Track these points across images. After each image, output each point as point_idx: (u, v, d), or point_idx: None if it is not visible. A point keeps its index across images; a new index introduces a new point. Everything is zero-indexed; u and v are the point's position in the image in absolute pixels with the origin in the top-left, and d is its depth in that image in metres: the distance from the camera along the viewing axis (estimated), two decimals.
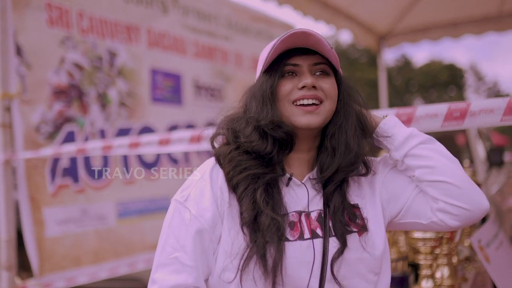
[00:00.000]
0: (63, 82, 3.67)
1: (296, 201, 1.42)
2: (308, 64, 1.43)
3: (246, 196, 1.35)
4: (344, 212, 1.40)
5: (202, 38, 4.87)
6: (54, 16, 3.61)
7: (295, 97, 1.41)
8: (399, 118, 1.98)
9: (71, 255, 3.69)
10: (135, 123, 4.15)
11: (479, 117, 1.85)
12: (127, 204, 4.06)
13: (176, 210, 1.42)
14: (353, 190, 1.47)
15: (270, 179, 1.38)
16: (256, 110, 1.42)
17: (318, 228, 1.39)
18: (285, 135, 1.40)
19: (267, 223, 1.30)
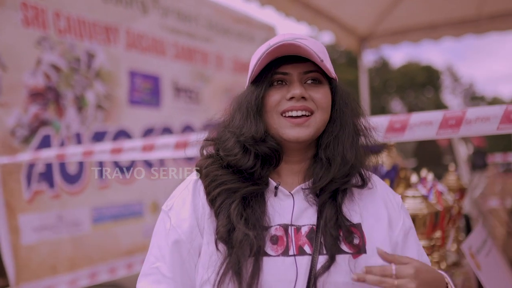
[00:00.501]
0: (40, 84, 3.54)
1: (282, 213, 1.32)
2: (299, 73, 1.33)
3: (222, 210, 1.28)
4: (337, 226, 1.29)
5: (182, 39, 4.77)
6: (29, 16, 3.48)
7: (284, 108, 1.32)
8: (393, 126, 1.93)
9: (48, 263, 3.57)
10: (111, 126, 4.03)
11: (475, 125, 1.80)
12: (102, 209, 3.95)
13: (161, 219, 1.39)
14: (351, 206, 1.36)
15: (247, 192, 1.30)
16: (239, 123, 1.34)
17: (307, 245, 1.28)
18: (269, 150, 1.32)
19: (239, 239, 1.23)
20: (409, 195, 2.21)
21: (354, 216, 1.34)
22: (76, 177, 3.77)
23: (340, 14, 7.19)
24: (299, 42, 1.27)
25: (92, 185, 3.89)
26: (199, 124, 4.87)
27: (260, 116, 1.34)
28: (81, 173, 3.80)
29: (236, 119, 1.36)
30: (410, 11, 7.45)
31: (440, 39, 7.90)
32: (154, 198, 4.32)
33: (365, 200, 1.39)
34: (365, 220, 1.35)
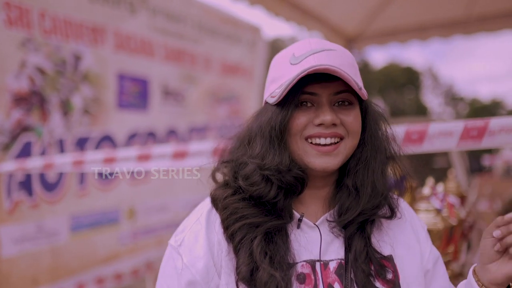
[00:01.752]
0: (24, 88, 3.35)
1: (308, 248, 1.20)
2: (328, 94, 1.19)
3: (242, 247, 1.15)
4: (368, 261, 1.18)
5: (170, 40, 4.61)
6: (13, 16, 3.29)
7: (310, 133, 1.19)
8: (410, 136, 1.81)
9: (28, 275, 3.39)
10: (95, 131, 3.86)
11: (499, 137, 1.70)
12: (79, 217, 3.77)
13: (170, 257, 1.24)
14: (381, 236, 1.25)
15: (271, 227, 1.17)
16: (260, 151, 1.20)
17: (337, 282, 1.17)
18: (294, 179, 1.19)
19: (264, 280, 1.09)
20: (422, 208, 2.10)
21: (385, 248, 1.24)
22: (55, 185, 3.59)
23: (328, 15, 7.12)
24: (336, 68, 1.13)
25: (71, 192, 3.72)
26: (184, 128, 4.71)
27: (285, 143, 1.20)
28: (60, 180, 3.62)
29: (257, 145, 1.21)
30: (399, 12, 7.41)
31: (428, 40, 7.88)
32: (131, 205, 4.17)
33: (394, 229, 1.29)
34: (396, 252, 1.25)
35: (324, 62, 1.16)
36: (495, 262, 1.12)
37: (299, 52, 1.21)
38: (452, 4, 7.25)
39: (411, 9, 7.44)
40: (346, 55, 1.24)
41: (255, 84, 6.11)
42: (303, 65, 1.17)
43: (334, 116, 1.18)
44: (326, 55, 1.19)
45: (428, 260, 1.31)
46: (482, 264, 1.15)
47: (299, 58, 1.19)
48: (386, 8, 7.34)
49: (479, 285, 1.14)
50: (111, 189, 4.01)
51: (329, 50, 1.21)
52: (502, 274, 1.10)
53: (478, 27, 7.55)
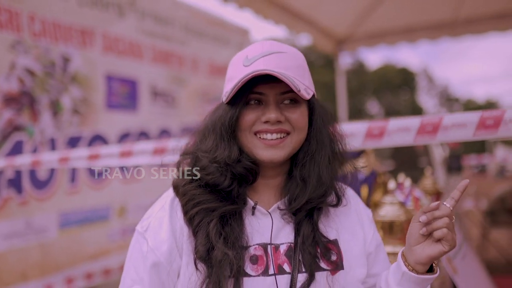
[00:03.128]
0: (14, 89, 3.47)
1: (261, 232, 1.31)
2: (275, 94, 1.30)
3: (200, 230, 1.26)
4: (315, 244, 1.30)
5: (158, 42, 4.73)
6: (3, 19, 3.41)
7: (258, 129, 1.30)
8: (372, 131, 1.93)
9: (17, 270, 3.51)
10: (86, 131, 3.98)
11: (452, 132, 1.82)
12: (69, 214, 3.89)
13: (136, 241, 1.35)
14: (327, 222, 1.37)
15: (226, 212, 1.28)
16: (212, 144, 1.32)
17: (286, 263, 1.28)
18: (245, 170, 1.31)
19: (218, 258, 1.21)
20: (386, 201, 2.22)
21: (331, 233, 1.35)
22: (45, 183, 3.70)
23: (318, 17, 7.21)
24: (277, 73, 1.24)
25: (62, 190, 3.83)
26: (176, 128, 4.84)
27: (234, 137, 1.32)
28: (50, 179, 3.74)
29: (210, 139, 1.33)
30: (387, 15, 7.52)
31: (417, 42, 8.00)
32: (123, 202, 4.28)
33: (340, 215, 1.40)
34: (341, 236, 1.37)
35: (270, 66, 1.27)
36: (420, 244, 1.23)
37: (252, 54, 1.32)
38: (440, 7, 7.37)
39: (399, 12, 7.54)
40: (295, 57, 1.34)
41: None
42: (253, 67, 1.28)
43: (279, 114, 1.29)
44: (274, 58, 1.29)
45: (370, 244, 1.42)
46: (409, 246, 1.26)
47: (250, 60, 1.30)
48: (375, 10, 7.44)
49: (406, 265, 1.26)
50: (102, 187, 4.13)
51: (279, 53, 1.31)
52: (426, 254, 1.21)
53: (465, 29, 7.67)
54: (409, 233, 1.25)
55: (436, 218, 1.20)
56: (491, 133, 1.77)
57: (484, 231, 6.93)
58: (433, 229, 1.20)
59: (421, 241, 1.23)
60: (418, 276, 1.24)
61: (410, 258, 1.25)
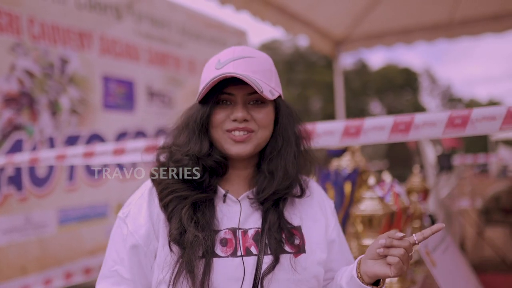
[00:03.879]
0: (14, 90, 3.59)
1: (230, 218, 1.43)
2: (243, 94, 1.42)
3: (174, 215, 1.38)
4: (280, 230, 1.42)
5: (155, 44, 4.85)
6: (3, 22, 3.53)
7: (227, 127, 1.42)
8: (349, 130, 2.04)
9: (17, 264, 3.63)
10: (84, 130, 4.10)
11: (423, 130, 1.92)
12: (68, 211, 4.02)
13: (117, 226, 1.47)
14: (292, 210, 1.49)
15: (197, 199, 1.40)
16: (185, 139, 1.45)
17: (253, 246, 1.40)
18: (215, 163, 1.43)
19: (189, 240, 1.33)
20: (366, 196, 2.32)
21: (295, 220, 1.48)
22: (44, 180, 3.82)
23: (315, 18, 7.29)
24: (241, 76, 1.35)
25: (60, 187, 3.95)
26: None
27: (206, 133, 1.44)
28: (49, 176, 3.86)
29: (184, 135, 1.46)
30: (384, 16, 7.60)
31: (413, 43, 8.09)
32: (120, 200, 4.40)
33: (304, 205, 1.53)
34: (304, 223, 1.49)
35: (239, 69, 1.39)
36: (374, 260, 1.35)
37: (224, 58, 1.44)
38: (436, 8, 7.45)
39: (396, 13, 7.63)
40: (263, 62, 1.46)
41: None
42: (223, 70, 1.40)
43: (245, 113, 1.41)
44: (243, 62, 1.41)
45: (332, 232, 1.56)
46: (365, 257, 1.39)
47: (222, 64, 1.42)
48: (371, 11, 7.53)
49: (357, 271, 1.39)
50: (100, 185, 4.25)
51: (248, 58, 1.43)
52: (373, 270, 1.34)
53: (461, 31, 7.75)
54: (370, 247, 1.38)
55: (395, 246, 1.31)
56: (459, 131, 1.88)
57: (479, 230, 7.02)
58: (388, 253, 1.31)
59: (375, 257, 1.35)
60: (362, 285, 1.37)
61: (362, 267, 1.38)
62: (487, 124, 1.84)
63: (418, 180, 3.55)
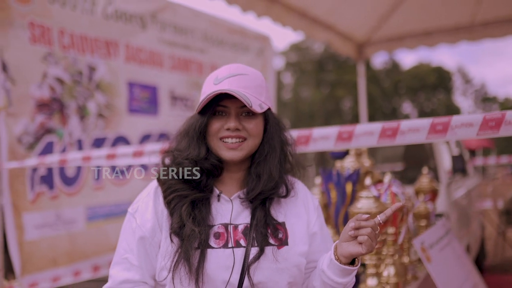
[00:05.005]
0: (45, 96, 3.88)
1: (223, 215, 1.65)
2: (236, 107, 1.63)
3: (175, 211, 1.61)
4: (266, 225, 1.63)
5: (178, 51, 5.10)
6: (36, 34, 3.82)
7: (222, 135, 1.64)
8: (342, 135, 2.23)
9: (48, 256, 3.93)
10: (110, 133, 4.38)
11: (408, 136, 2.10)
12: (95, 208, 4.30)
13: (128, 220, 1.71)
14: (278, 208, 1.70)
15: (196, 198, 1.62)
16: (185, 145, 1.67)
17: (242, 239, 1.61)
18: (211, 166, 1.65)
19: (187, 233, 1.56)
20: (363, 195, 2.50)
21: (280, 217, 1.68)
22: (73, 179, 4.11)
23: (336, 22, 7.43)
24: (234, 92, 1.57)
25: (88, 186, 4.24)
26: None
27: (204, 139, 1.66)
28: (78, 176, 4.15)
29: (184, 141, 1.68)
30: (406, 19, 7.68)
31: (435, 45, 8.15)
32: None
33: (289, 204, 1.73)
34: (288, 219, 1.69)
35: (233, 85, 1.61)
36: (347, 242, 1.56)
37: (221, 75, 1.66)
38: (458, 11, 7.49)
39: (418, 16, 7.70)
40: (255, 79, 1.67)
41: None
42: (219, 86, 1.62)
43: (237, 123, 1.62)
44: (237, 79, 1.63)
45: (314, 225, 1.75)
46: (340, 241, 1.59)
47: (219, 80, 1.65)
48: (393, 14, 7.62)
49: (334, 254, 1.59)
50: (125, 184, 4.53)
51: (242, 75, 1.65)
52: (348, 251, 1.54)
53: (483, 33, 7.76)
54: (343, 232, 1.59)
55: (363, 227, 1.52)
56: (440, 137, 2.05)
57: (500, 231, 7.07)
58: (358, 234, 1.52)
59: (348, 240, 1.56)
60: (340, 265, 1.57)
61: (338, 250, 1.59)
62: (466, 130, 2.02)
63: (426, 181, 3.70)
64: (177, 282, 1.56)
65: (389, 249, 2.70)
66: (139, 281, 1.62)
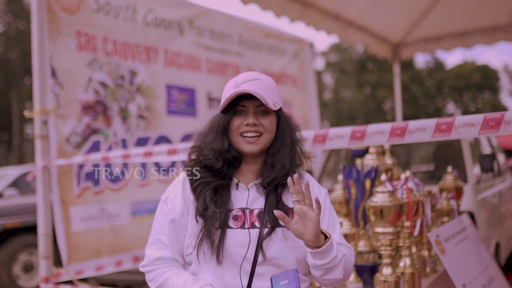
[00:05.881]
0: (90, 99, 4.21)
1: (240, 200, 1.89)
2: (253, 106, 1.88)
3: (200, 196, 1.86)
4: (277, 209, 1.84)
5: (215, 55, 5.38)
6: (82, 42, 4.16)
7: (242, 130, 1.88)
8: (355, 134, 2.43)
9: (93, 247, 4.27)
10: (152, 133, 4.69)
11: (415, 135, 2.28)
12: (140, 204, 4.62)
13: (160, 206, 1.97)
14: (288, 196, 1.90)
15: (218, 185, 1.87)
16: (211, 139, 1.91)
17: (257, 222, 1.85)
18: (232, 157, 1.90)
19: (210, 214, 1.81)
20: (378, 190, 2.69)
21: (289, 203, 1.89)
22: (118, 177, 4.43)
23: (371, 24, 7.56)
24: (253, 92, 1.82)
25: (134, 183, 4.54)
26: None
27: (226, 135, 1.90)
28: (124, 173, 4.47)
29: (210, 136, 1.93)
30: (442, 19, 7.72)
31: (473, 46, 8.17)
32: None
33: None
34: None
35: (250, 88, 1.84)
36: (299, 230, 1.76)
37: (239, 80, 1.90)
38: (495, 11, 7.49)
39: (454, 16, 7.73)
40: (268, 83, 1.91)
41: (302, 89, 6.81)
42: (239, 89, 1.86)
43: (255, 120, 1.87)
44: (254, 83, 1.87)
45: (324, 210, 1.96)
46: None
47: (238, 84, 1.89)
48: (428, 15, 7.68)
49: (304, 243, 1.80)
50: (169, 181, 4.82)
51: (257, 80, 1.89)
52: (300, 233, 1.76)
53: None
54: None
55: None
56: (445, 135, 2.23)
57: None
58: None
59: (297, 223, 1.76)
60: (308, 249, 1.78)
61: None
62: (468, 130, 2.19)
63: (450, 179, 3.83)
64: (201, 257, 1.81)
65: (405, 241, 2.87)
66: (170, 258, 1.89)
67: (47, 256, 3.98)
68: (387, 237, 2.69)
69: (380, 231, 2.70)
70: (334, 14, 6.81)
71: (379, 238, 2.72)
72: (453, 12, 7.54)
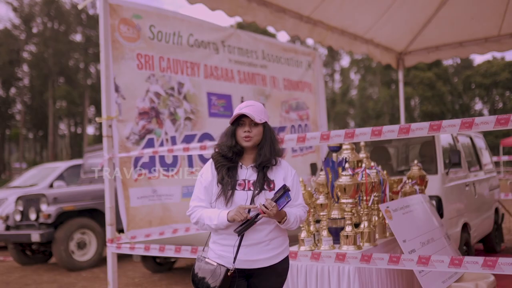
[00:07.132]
0: (146, 106, 5.44)
1: (242, 175, 2.88)
2: (249, 121, 2.83)
3: (219, 172, 2.87)
4: (263, 181, 2.84)
5: (244, 67, 6.69)
6: (142, 62, 5.44)
7: (242, 135, 2.85)
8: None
9: (146, 219, 5.42)
10: (198, 131, 5.92)
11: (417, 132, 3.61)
12: (189, 187, 5.74)
13: (198, 179, 2.95)
14: (270, 173, 2.88)
15: (229, 166, 2.87)
16: (225, 140, 2.91)
17: (252, 187, 2.84)
18: (238, 150, 2.88)
19: (225, 182, 2.82)
20: (343, 174, 4.01)
21: (271, 176, 2.96)
22: (171, 165, 5.64)
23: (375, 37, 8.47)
24: (248, 113, 2.80)
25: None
26: None
27: (234, 137, 2.97)
28: (176, 163, 5.68)
29: (225, 138, 2.92)
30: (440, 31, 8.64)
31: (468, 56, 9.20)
32: None
33: (276, 171, 3.05)
34: (276, 178, 3.00)
35: (246, 111, 2.79)
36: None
37: (242, 106, 2.86)
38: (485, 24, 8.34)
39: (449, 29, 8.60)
40: (258, 107, 2.87)
41: (314, 94, 8.13)
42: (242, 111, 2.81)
43: (249, 128, 2.82)
44: (250, 108, 2.83)
45: (288, 183, 2.91)
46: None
47: (241, 108, 2.84)
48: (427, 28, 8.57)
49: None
50: None
51: (252, 105, 2.85)
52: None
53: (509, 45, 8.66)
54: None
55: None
56: (436, 132, 3.27)
57: None
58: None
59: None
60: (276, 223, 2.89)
61: None
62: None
63: (416, 169, 5.09)
64: (219, 204, 2.84)
65: (364, 210, 4.19)
66: (203, 206, 2.88)
67: (112, 223, 5.20)
68: (349, 206, 4.01)
69: (344, 202, 4.01)
70: (340, 30, 7.82)
71: (343, 207, 4.06)
72: (449, 24, 8.47)
